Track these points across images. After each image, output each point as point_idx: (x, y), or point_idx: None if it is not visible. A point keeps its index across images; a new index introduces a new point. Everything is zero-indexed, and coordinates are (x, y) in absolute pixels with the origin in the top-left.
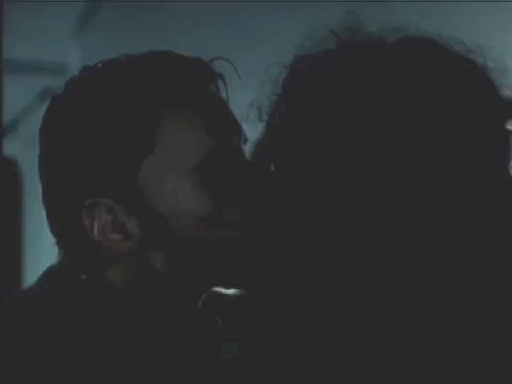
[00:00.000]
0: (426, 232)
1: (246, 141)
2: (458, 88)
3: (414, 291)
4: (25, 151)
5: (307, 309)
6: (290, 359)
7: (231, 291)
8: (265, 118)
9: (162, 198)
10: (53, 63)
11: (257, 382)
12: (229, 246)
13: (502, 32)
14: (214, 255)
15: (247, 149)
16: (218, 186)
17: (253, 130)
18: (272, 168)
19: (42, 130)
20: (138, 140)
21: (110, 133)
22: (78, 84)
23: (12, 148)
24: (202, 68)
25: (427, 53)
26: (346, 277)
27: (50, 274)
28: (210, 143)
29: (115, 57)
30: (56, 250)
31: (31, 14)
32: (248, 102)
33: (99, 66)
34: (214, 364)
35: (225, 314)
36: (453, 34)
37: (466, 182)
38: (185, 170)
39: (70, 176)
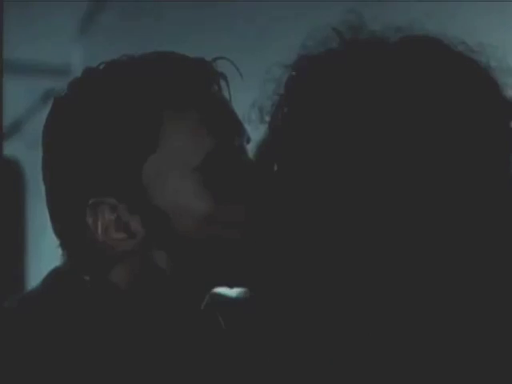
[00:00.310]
0: (429, 232)
1: (248, 140)
2: (461, 88)
3: (413, 291)
4: (27, 152)
5: (307, 309)
6: (290, 359)
7: (233, 292)
8: (267, 118)
9: (164, 198)
10: (55, 65)
11: (257, 381)
12: (231, 245)
13: (506, 32)
14: (216, 254)
15: (250, 149)
16: (220, 186)
17: (255, 131)
18: (275, 168)
19: (45, 131)
20: (141, 140)
21: (114, 133)
22: (81, 85)
23: (14, 149)
24: (205, 68)
25: (430, 52)
26: (345, 277)
27: (53, 275)
28: (212, 143)
29: (117, 58)
30: (59, 250)
31: (33, 15)
32: (250, 102)
33: (102, 67)
34: (216, 364)
35: (227, 315)
36: (456, 34)
37: (469, 183)
38: (187, 170)
39: (74, 175)
